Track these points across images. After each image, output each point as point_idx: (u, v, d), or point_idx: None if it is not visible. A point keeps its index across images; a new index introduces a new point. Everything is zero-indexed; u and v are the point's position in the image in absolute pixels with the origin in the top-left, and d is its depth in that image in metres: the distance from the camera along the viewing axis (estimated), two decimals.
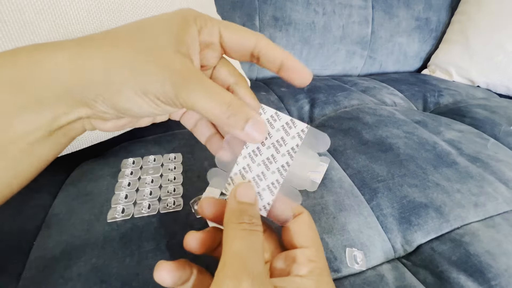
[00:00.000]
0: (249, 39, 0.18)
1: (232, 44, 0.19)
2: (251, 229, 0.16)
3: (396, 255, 0.34)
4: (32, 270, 0.26)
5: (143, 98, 0.16)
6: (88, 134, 0.38)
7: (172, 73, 0.16)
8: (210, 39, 0.18)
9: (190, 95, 0.16)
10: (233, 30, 0.19)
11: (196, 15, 0.18)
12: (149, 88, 0.16)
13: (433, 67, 0.99)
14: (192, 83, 0.16)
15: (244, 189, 0.18)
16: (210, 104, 0.16)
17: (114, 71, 0.15)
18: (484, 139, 0.54)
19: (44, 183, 0.36)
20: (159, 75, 0.15)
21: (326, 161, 0.42)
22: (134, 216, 0.31)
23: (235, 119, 0.17)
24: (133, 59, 0.16)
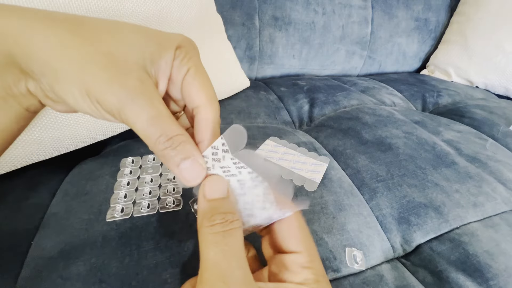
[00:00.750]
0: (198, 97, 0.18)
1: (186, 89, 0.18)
2: (225, 229, 0.15)
3: (396, 255, 0.34)
4: (30, 270, 0.26)
5: (83, 97, 0.15)
6: (87, 133, 0.38)
7: (121, 86, 0.15)
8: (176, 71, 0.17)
9: (132, 113, 0.15)
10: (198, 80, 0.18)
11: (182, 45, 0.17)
12: (92, 90, 0.15)
13: (432, 68, 0.99)
14: (139, 103, 0.15)
15: (212, 183, 0.17)
16: (149, 130, 0.15)
17: (63, 58, 0.14)
18: (482, 139, 0.54)
19: (42, 182, 0.36)
20: (107, 83, 0.15)
21: (325, 161, 0.42)
22: (133, 215, 0.31)
23: (171, 153, 0.16)
24: (89, 55, 0.15)
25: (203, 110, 0.18)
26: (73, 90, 0.15)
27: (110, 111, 0.15)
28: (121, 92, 0.15)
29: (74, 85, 0.15)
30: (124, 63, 0.15)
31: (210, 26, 0.53)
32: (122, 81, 0.15)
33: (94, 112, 0.16)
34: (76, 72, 0.15)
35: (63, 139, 0.36)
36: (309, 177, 0.38)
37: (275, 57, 0.80)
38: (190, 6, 0.43)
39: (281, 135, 0.48)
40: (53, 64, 0.15)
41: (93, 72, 0.15)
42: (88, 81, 0.15)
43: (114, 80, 0.15)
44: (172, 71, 0.17)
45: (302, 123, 0.61)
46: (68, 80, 0.15)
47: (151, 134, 0.15)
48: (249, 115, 0.56)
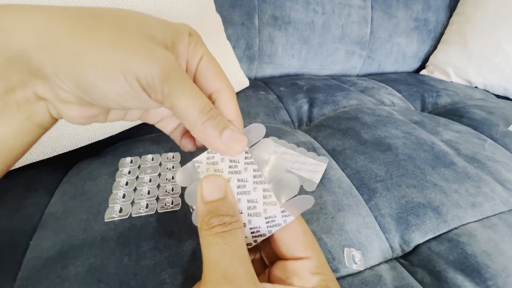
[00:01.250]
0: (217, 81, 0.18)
1: (202, 74, 0.18)
2: (224, 230, 0.15)
3: (394, 255, 0.34)
4: (29, 270, 0.26)
5: (117, 78, 0.14)
6: (86, 132, 0.38)
7: (163, 58, 0.14)
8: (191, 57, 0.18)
9: (173, 89, 0.15)
10: (212, 63, 0.18)
11: (193, 32, 0.18)
12: (132, 66, 0.14)
13: (431, 68, 0.99)
14: (178, 79, 0.15)
15: (209, 184, 0.16)
16: (191, 101, 0.15)
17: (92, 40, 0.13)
18: (481, 139, 0.54)
19: (41, 181, 0.36)
20: (147, 57, 0.14)
21: (324, 161, 0.42)
22: (132, 215, 0.31)
23: (213, 123, 0.16)
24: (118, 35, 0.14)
25: (225, 93, 0.18)
26: (105, 73, 0.14)
27: (151, 87, 0.14)
28: (163, 63, 0.14)
29: (106, 67, 0.14)
30: (154, 42, 0.15)
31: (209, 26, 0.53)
32: (160, 54, 0.14)
33: (129, 93, 0.15)
34: (107, 53, 0.13)
35: (62, 138, 0.36)
36: (308, 177, 0.38)
37: (275, 57, 0.80)
38: (189, 5, 0.43)
39: (280, 135, 0.47)
40: (77, 49, 0.13)
41: (126, 49, 0.14)
42: (122, 59, 0.14)
43: (152, 54, 0.14)
44: (188, 57, 0.18)
45: (302, 123, 0.61)
46: (98, 63, 0.13)
47: (196, 105, 0.15)
48: (249, 114, 0.56)
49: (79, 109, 0.16)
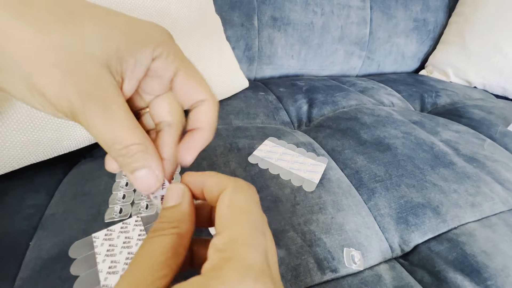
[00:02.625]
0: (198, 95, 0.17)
1: (179, 88, 0.17)
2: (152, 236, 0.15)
3: (394, 255, 0.34)
4: (29, 271, 0.26)
5: (32, 94, 0.13)
6: (86, 134, 0.38)
7: (73, 88, 0.13)
8: (161, 72, 0.16)
9: (86, 119, 0.14)
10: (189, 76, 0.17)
11: (161, 42, 0.16)
12: (41, 89, 0.13)
13: (430, 68, 0.99)
14: (93, 109, 0.14)
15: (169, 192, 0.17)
16: (103, 137, 0.14)
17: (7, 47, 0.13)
18: (480, 139, 0.54)
19: (41, 182, 0.36)
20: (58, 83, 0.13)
21: (324, 161, 0.42)
22: (132, 216, 0.31)
23: (125, 161, 0.15)
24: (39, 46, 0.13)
25: (206, 104, 0.18)
26: (19, 85, 0.13)
27: (63, 113, 0.14)
28: (74, 96, 0.13)
29: (21, 80, 0.13)
30: (80, 58, 0.13)
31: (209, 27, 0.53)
32: (74, 83, 0.13)
33: (46, 110, 0.14)
34: (22, 65, 0.13)
35: (62, 140, 0.36)
36: (307, 178, 0.38)
37: (274, 58, 0.80)
38: (189, 6, 0.44)
39: (280, 135, 0.48)
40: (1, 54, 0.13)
41: (44, 68, 0.13)
42: (37, 80, 0.13)
43: (64, 81, 0.13)
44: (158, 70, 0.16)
45: (301, 124, 0.61)
46: (14, 73, 0.13)
47: (105, 140, 0.14)
48: (248, 115, 0.56)
49: None
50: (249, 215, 0.15)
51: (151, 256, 0.14)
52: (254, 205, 0.15)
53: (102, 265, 0.25)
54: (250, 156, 0.41)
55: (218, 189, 0.16)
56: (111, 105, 0.14)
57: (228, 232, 0.14)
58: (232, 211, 0.14)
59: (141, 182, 0.16)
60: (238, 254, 0.13)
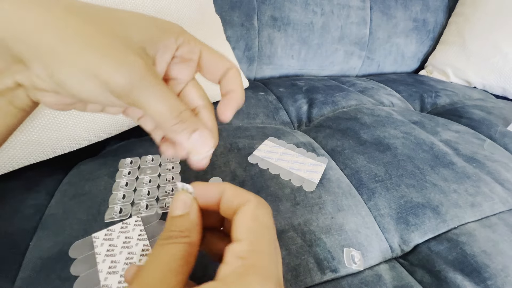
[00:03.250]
0: (224, 65, 0.20)
1: (208, 65, 0.19)
2: (163, 243, 0.16)
3: (394, 255, 0.34)
4: (29, 271, 0.26)
5: (88, 79, 0.14)
6: (86, 133, 0.38)
7: (131, 64, 0.15)
8: (189, 55, 0.19)
9: (142, 93, 0.15)
10: (213, 53, 0.19)
11: (181, 32, 0.18)
12: (99, 71, 0.14)
13: (430, 68, 0.99)
14: (147, 81, 0.15)
15: (175, 202, 0.18)
16: (160, 106, 0.15)
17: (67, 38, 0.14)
18: (480, 139, 0.54)
19: (41, 182, 0.36)
20: (115, 62, 0.14)
21: (324, 161, 0.42)
22: (132, 216, 0.31)
23: (183, 126, 0.16)
24: (90, 34, 0.14)
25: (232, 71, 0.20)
26: (77, 73, 0.14)
27: (118, 92, 0.15)
28: (131, 71, 0.14)
29: (78, 67, 0.14)
30: (127, 42, 0.15)
31: (209, 27, 0.53)
32: (129, 61, 0.15)
33: (100, 95, 0.15)
34: (80, 53, 0.14)
35: (62, 140, 0.36)
36: (307, 178, 0.38)
37: (274, 58, 0.80)
38: (189, 6, 0.44)
39: (280, 135, 0.48)
40: (52, 45, 0.14)
41: (99, 53, 0.14)
42: (94, 62, 0.14)
43: (121, 60, 0.14)
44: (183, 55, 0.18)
45: (301, 124, 0.61)
46: (71, 62, 0.14)
47: (162, 110, 0.16)
48: (248, 115, 0.56)
49: (56, 96, 0.17)
50: (270, 230, 0.16)
51: (165, 264, 0.15)
52: (272, 222, 0.17)
53: (102, 265, 0.25)
54: (250, 156, 0.41)
55: (238, 202, 0.17)
56: (160, 79, 0.16)
57: (250, 241, 0.15)
58: (256, 224, 0.16)
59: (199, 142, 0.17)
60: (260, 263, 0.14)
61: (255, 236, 0.15)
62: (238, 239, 0.15)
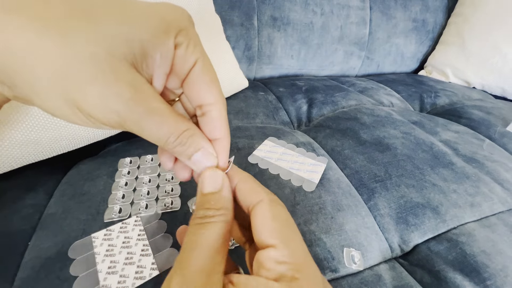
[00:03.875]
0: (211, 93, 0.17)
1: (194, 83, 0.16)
2: (201, 222, 0.15)
3: (393, 255, 0.34)
4: (27, 271, 0.26)
5: (73, 112, 0.13)
6: (85, 133, 0.38)
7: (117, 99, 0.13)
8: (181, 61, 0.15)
9: (135, 125, 0.14)
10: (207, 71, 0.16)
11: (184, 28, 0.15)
12: (84, 106, 0.13)
13: (429, 68, 0.99)
14: (138, 111, 0.13)
15: (207, 178, 0.17)
16: (156, 132, 0.15)
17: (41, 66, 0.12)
18: (480, 139, 0.54)
19: (40, 182, 0.36)
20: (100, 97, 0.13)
21: (324, 161, 0.42)
22: (131, 216, 0.31)
23: (183, 149, 0.16)
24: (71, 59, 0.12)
25: (217, 108, 0.17)
26: (59, 105, 0.13)
27: (108, 125, 0.14)
28: (118, 106, 0.13)
29: (60, 100, 0.13)
30: (112, 64, 0.13)
31: (209, 27, 0.53)
32: (116, 93, 0.13)
33: (89, 125, 0.14)
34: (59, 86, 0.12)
35: (61, 139, 0.36)
36: (307, 178, 0.38)
37: (274, 58, 0.80)
38: (188, 6, 0.43)
39: (280, 135, 0.48)
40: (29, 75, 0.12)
41: (81, 84, 0.12)
42: (77, 97, 0.12)
43: (106, 93, 0.13)
44: (175, 61, 0.15)
45: (301, 124, 0.61)
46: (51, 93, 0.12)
47: (159, 137, 0.15)
48: (248, 115, 0.56)
49: None
50: (293, 226, 0.16)
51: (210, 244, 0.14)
52: (290, 216, 0.17)
53: (101, 265, 0.25)
54: (250, 156, 0.41)
55: (252, 198, 0.17)
56: (154, 103, 0.14)
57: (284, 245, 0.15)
58: (279, 224, 0.16)
59: (200, 163, 0.17)
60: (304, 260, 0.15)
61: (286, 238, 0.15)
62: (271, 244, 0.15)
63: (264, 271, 0.14)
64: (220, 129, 0.17)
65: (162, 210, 0.31)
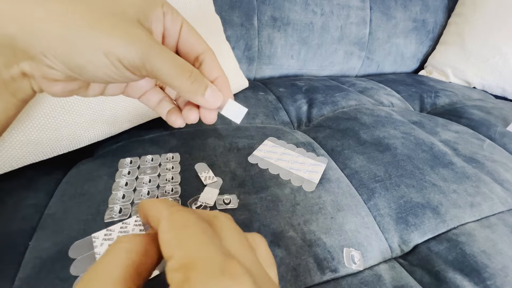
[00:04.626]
0: (201, 45, 0.20)
1: (186, 41, 0.20)
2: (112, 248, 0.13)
3: (393, 255, 0.34)
4: (28, 271, 0.26)
5: (103, 58, 0.15)
6: (86, 133, 0.38)
7: (139, 38, 0.16)
8: (171, 26, 0.19)
9: (155, 62, 0.16)
10: (192, 30, 0.20)
11: (164, 2, 0.19)
12: (113, 49, 0.15)
13: (429, 68, 0.99)
14: (157, 51, 0.16)
15: None
16: (175, 71, 0.17)
17: (74, 25, 0.15)
18: (480, 140, 0.54)
19: (40, 182, 0.36)
20: (124, 38, 0.15)
21: (324, 161, 0.42)
22: (132, 216, 0.31)
23: (197, 85, 0.18)
24: (95, 17, 0.15)
25: (209, 54, 0.20)
26: (90, 54, 0.15)
27: (133, 66, 0.16)
28: (140, 44, 0.15)
29: (90, 49, 0.15)
30: (127, 19, 0.16)
31: (209, 27, 0.53)
32: (137, 34, 0.16)
33: (114, 72, 0.16)
34: (89, 36, 0.15)
35: (61, 139, 0.36)
36: (307, 178, 0.38)
37: (274, 58, 0.80)
38: (188, 6, 0.43)
39: (280, 135, 0.48)
40: (61, 33, 0.14)
41: (106, 32, 0.15)
42: (104, 42, 0.15)
43: (129, 35, 0.15)
44: (167, 26, 0.19)
45: (301, 124, 0.61)
46: (82, 45, 0.15)
47: (179, 73, 0.17)
48: (248, 115, 0.56)
49: (64, 84, 0.18)
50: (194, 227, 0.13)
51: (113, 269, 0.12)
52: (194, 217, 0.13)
53: None
54: (250, 156, 0.41)
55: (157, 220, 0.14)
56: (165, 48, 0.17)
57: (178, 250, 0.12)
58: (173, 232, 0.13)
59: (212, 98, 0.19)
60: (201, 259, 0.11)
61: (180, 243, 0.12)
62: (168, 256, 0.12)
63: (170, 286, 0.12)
64: (217, 68, 0.20)
65: None
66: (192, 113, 0.21)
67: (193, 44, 0.20)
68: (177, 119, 0.22)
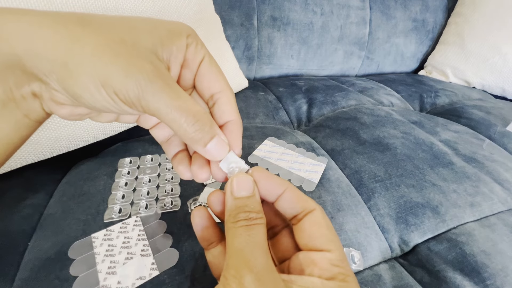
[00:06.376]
0: (219, 82, 0.19)
1: (203, 76, 0.19)
2: (249, 224, 0.16)
3: (393, 255, 0.34)
4: (27, 271, 0.26)
5: (99, 90, 0.14)
6: (85, 133, 0.38)
7: (139, 71, 0.14)
8: (192, 58, 0.18)
9: (152, 100, 0.15)
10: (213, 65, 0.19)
11: (190, 33, 0.18)
12: (108, 81, 0.14)
13: (429, 68, 0.99)
14: (158, 87, 0.15)
15: (240, 182, 0.18)
16: (176, 113, 0.15)
17: (77, 51, 0.14)
18: (479, 139, 0.54)
19: (40, 182, 0.36)
20: (124, 70, 0.14)
21: (323, 161, 0.42)
22: (131, 216, 0.31)
23: (201, 135, 0.16)
24: (100, 45, 0.14)
25: (226, 95, 0.19)
26: (87, 84, 0.14)
27: (128, 101, 0.15)
28: (139, 78, 0.14)
29: (87, 78, 0.14)
30: (136, 49, 0.15)
31: (209, 26, 0.53)
32: (138, 67, 0.14)
33: (111, 105, 0.15)
34: (89, 64, 0.14)
35: (61, 139, 0.36)
36: (307, 177, 0.38)
37: (274, 58, 0.80)
38: (188, 6, 0.43)
39: (280, 135, 0.48)
40: (63, 59, 0.14)
41: (106, 62, 0.14)
42: (102, 72, 0.14)
43: (129, 67, 0.14)
44: (188, 57, 0.18)
45: (301, 123, 0.61)
46: (80, 73, 0.14)
47: (176, 117, 0.15)
48: (248, 115, 0.56)
49: (72, 108, 0.17)
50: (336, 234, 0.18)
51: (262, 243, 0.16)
52: None
53: (101, 265, 0.25)
54: (250, 156, 0.41)
55: (302, 206, 0.18)
56: (172, 83, 0.16)
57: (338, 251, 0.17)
58: (332, 233, 0.18)
59: (216, 150, 0.17)
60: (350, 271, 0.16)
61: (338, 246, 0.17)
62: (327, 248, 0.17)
63: (317, 269, 0.16)
64: (231, 111, 0.19)
65: (162, 210, 0.31)
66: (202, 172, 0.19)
67: (211, 81, 0.19)
68: (185, 171, 0.20)
